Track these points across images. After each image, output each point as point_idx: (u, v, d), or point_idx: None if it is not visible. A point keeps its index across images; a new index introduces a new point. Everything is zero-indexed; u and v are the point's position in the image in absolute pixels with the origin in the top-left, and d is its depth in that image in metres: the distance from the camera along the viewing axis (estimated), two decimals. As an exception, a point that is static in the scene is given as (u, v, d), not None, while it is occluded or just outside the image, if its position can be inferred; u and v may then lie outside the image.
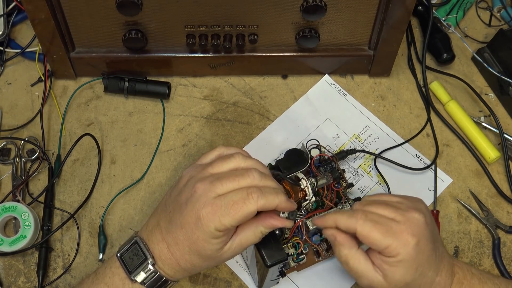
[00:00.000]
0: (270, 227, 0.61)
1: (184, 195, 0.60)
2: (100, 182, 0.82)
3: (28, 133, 0.85)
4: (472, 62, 0.94)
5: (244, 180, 0.59)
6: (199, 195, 0.59)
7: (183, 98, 0.88)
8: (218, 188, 0.59)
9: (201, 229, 0.58)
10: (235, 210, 0.57)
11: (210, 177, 0.60)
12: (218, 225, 0.57)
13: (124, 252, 0.62)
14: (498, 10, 0.97)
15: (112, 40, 0.82)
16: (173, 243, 0.60)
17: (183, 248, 0.60)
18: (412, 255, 0.59)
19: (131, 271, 0.61)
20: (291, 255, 0.73)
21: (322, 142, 0.81)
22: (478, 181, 0.84)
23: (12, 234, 0.77)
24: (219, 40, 0.82)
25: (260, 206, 0.58)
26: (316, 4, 0.76)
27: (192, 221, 0.58)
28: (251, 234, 0.61)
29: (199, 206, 0.58)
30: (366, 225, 0.60)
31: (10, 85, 0.89)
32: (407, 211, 0.62)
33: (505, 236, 0.80)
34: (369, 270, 0.61)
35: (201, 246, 0.59)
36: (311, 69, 0.89)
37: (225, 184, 0.59)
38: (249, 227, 0.61)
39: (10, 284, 0.75)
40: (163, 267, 0.61)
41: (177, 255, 0.61)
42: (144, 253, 0.61)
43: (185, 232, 0.59)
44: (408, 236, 0.59)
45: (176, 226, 0.60)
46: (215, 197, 0.58)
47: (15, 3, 0.89)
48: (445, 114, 0.89)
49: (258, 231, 0.61)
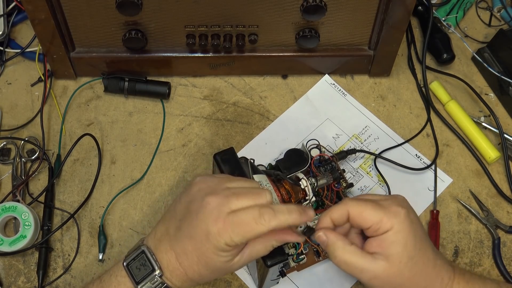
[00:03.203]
0: (282, 241, 0.61)
1: (195, 204, 0.59)
2: (100, 182, 0.82)
3: (28, 133, 0.85)
4: (472, 62, 0.94)
5: (259, 199, 0.59)
6: (212, 207, 0.58)
7: (183, 98, 0.88)
8: (233, 204, 0.58)
9: (210, 242, 0.57)
10: (246, 230, 0.57)
11: (226, 190, 0.59)
12: (228, 241, 0.57)
13: (131, 262, 0.61)
14: (498, 10, 0.97)
15: (112, 40, 0.82)
16: (181, 253, 0.60)
17: (191, 259, 0.59)
18: (407, 223, 0.60)
19: (138, 282, 0.60)
20: (291, 255, 0.73)
21: (322, 142, 0.81)
22: (478, 181, 0.84)
23: (12, 234, 0.77)
24: (219, 40, 0.82)
25: (272, 227, 0.58)
26: (316, 4, 0.76)
27: (203, 233, 0.58)
28: (262, 247, 0.61)
29: (211, 220, 0.57)
30: (357, 205, 0.61)
31: (10, 85, 0.89)
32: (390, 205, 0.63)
33: (505, 236, 0.80)
34: (369, 261, 0.60)
35: (210, 258, 0.59)
36: (311, 69, 0.89)
37: (240, 200, 0.58)
38: (260, 241, 0.60)
39: (10, 284, 0.75)
40: (171, 277, 0.61)
41: (185, 265, 0.60)
42: (151, 264, 0.60)
43: (195, 243, 0.59)
44: (397, 207, 0.61)
45: (186, 236, 0.59)
46: (228, 213, 0.57)
47: (15, 3, 0.89)
48: (445, 114, 0.89)
49: (269, 245, 0.61)
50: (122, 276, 0.62)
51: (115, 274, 0.62)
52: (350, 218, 0.62)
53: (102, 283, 0.63)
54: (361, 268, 0.61)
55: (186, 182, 0.82)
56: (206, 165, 0.83)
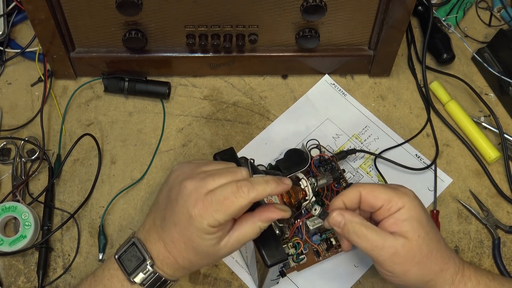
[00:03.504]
0: (267, 220, 0.61)
1: (174, 191, 0.60)
2: (100, 182, 0.82)
3: (28, 133, 0.85)
4: (472, 62, 0.94)
5: (235, 175, 0.59)
6: (189, 191, 0.58)
7: (183, 98, 0.88)
8: (210, 184, 0.58)
9: (194, 226, 0.58)
10: (226, 205, 0.57)
11: (202, 173, 0.60)
12: (211, 221, 0.57)
13: (122, 254, 0.62)
14: (498, 10, 0.97)
15: (112, 40, 0.82)
16: (169, 241, 0.60)
17: (179, 246, 0.60)
18: (416, 202, 0.62)
19: (130, 273, 0.61)
20: (291, 255, 0.73)
21: (322, 142, 0.81)
22: (478, 181, 0.84)
23: (12, 234, 0.77)
24: (219, 40, 0.82)
25: (252, 198, 0.58)
26: (316, 4, 0.76)
27: (185, 218, 0.58)
28: (249, 230, 0.60)
29: (190, 203, 0.58)
30: (368, 185, 0.63)
31: (10, 85, 0.89)
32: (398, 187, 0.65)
33: (505, 236, 0.80)
34: (388, 237, 0.61)
35: (196, 242, 0.59)
36: (311, 69, 0.89)
37: (217, 179, 0.59)
38: (246, 223, 0.60)
39: (10, 284, 0.75)
40: (162, 266, 0.61)
41: (175, 253, 0.61)
42: (142, 254, 0.61)
43: (179, 229, 0.59)
44: (405, 189, 0.63)
45: (170, 224, 0.60)
46: (206, 193, 0.58)
47: (15, 3, 0.89)
48: (445, 114, 0.89)
49: (256, 227, 0.60)
50: (115, 269, 0.62)
51: (108, 267, 0.63)
52: (361, 199, 0.63)
53: (96, 277, 0.63)
54: (382, 245, 0.60)
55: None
56: (206, 165, 0.83)
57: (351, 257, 0.77)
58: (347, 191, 0.64)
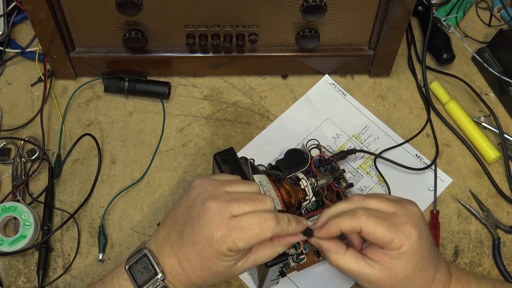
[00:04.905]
0: (287, 245, 0.61)
1: (196, 210, 0.59)
2: (100, 182, 0.82)
3: (28, 133, 0.85)
4: (472, 62, 0.94)
5: (261, 205, 0.59)
6: (213, 212, 0.57)
7: (183, 98, 0.88)
8: (234, 209, 0.58)
9: (214, 248, 0.57)
10: (250, 235, 0.57)
11: (226, 195, 0.59)
12: (231, 246, 0.57)
13: (133, 265, 0.61)
14: (498, 10, 0.97)
15: (112, 40, 0.82)
16: (184, 259, 0.59)
17: (194, 264, 0.59)
18: (415, 247, 0.59)
19: (140, 285, 0.60)
20: (291, 255, 0.73)
21: (322, 142, 0.81)
22: (478, 181, 0.84)
23: (12, 234, 0.77)
24: (219, 40, 0.82)
25: (276, 233, 0.58)
26: (316, 4, 0.76)
27: (205, 239, 0.57)
28: (267, 254, 0.61)
29: (213, 225, 0.57)
30: (370, 222, 0.59)
31: (10, 85, 0.89)
32: (405, 203, 0.62)
33: (505, 236, 0.80)
34: (363, 267, 0.60)
35: (213, 263, 0.58)
36: (311, 69, 0.90)
37: (241, 205, 0.58)
38: (266, 248, 0.60)
39: (10, 284, 0.75)
40: (174, 282, 0.60)
41: (188, 271, 0.60)
42: (154, 268, 0.60)
43: (197, 249, 0.58)
44: (411, 228, 0.59)
45: (188, 242, 0.59)
46: (230, 218, 0.57)
47: (15, 3, 0.89)
48: (445, 114, 0.89)
49: (275, 252, 0.61)
50: (124, 279, 0.61)
51: (117, 276, 0.62)
52: (362, 233, 0.60)
53: (104, 285, 0.62)
54: (356, 273, 0.61)
55: (186, 182, 0.82)
56: (206, 165, 0.83)
57: (351, 257, 0.77)
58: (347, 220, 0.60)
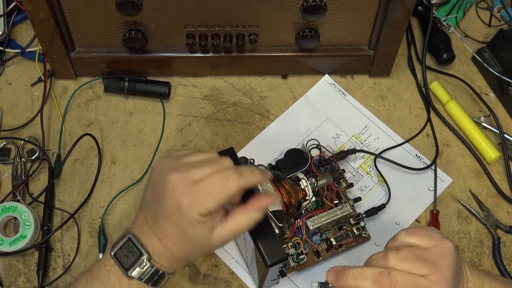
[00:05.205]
0: (261, 210, 0.61)
1: (160, 186, 0.60)
2: (100, 182, 0.82)
3: (28, 133, 0.85)
4: (472, 62, 0.94)
5: (220, 165, 0.60)
6: (175, 183, 0.59)
7: (183, 98, 0.88)
8: (195, 174, 0.59)
9: (184, 216, 0.58)
10: (216, 193, 0.58)
11: (185, 165, 0.60)
12: (200, 209, 0.57)
13: (118, 250, 0.62)
14: (498, 10, 0.97)
15: (112, 40, 0.82)
16: (163, 235, 0.61)
17: (173, 238, 0.60)
18: None
19: (127, 268, 0.61)
20: (291, 255, 0.73)
21: (322, 142, 0.81)
22: (478, 181, 0.84)
23: (12, 234, 0.77)
24: (219, 40, 0.82)
25: (241, 185, 0.59)
26: (316, 4, 0.76)
27: (175, 210, 0.58)
28: (243, 221, 0.61)
29: (178, 195, 0.58)
30: None
31: (10, 85, 0.89)
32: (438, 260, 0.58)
33: (505, 236, 0.80)
34: None
35: (188, 233, 0.59)
36: (311, 69, 0.89)
37: (201, 170, 0.59)
38: (239, 214, 0.61)
39: (10, 284, 0.75)
40: (159, 260, 0.62)
41: (170, 246, 0.61)
42: (138, 249, 0.61)
43: (171, 222, 0.59)
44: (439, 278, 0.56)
45: (162, 218, 0.60)
46: (193, 184, 0.58)
47: (15, 3, 0.89)
48: (445, 114, 0.89)
49: (250, 218, 0.61)
50: (111, 265, 0.62)
51: (104, 263, 0.63)
52: None
53: (92, 274, 0.63)
54: None
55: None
56: (206, 165, 0.83)
57: (351, 257, 0.77)
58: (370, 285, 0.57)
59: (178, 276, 0.76)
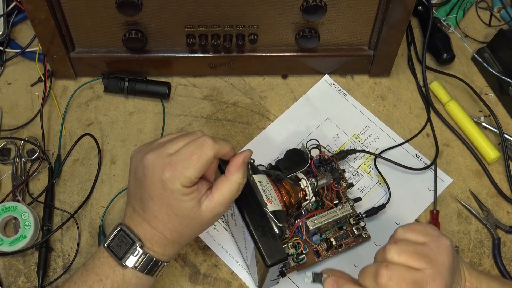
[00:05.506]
0: (239, 170, 0.61)
1: (139, 171, 0.61)
2: (100, 182, 0.82)
3: (28, 133, 0.85)
4: (472, 62, 0.94)
5: (193, 136, 0.61)
6: (153, 161, 0.59)
7: (183, 98, 0.88)
8: (170, 148, 0.60)
9: (168, 190, 0.59)
10: (194, 160, 0.58)
11: (159, 144, 0.62)
12: (182, 180, 0.58)
13: (111, 241, 0.63)
14: (498, 10, 0.97)
15: (112, 40, 0.82)
16: (152, 218, 0.61)
17: (162, 218, 0.60)
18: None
19: (120, 258, 0.61)
20: (291, 255, 0.73)
21: (322, 142, 0.81)
22: (478, 181, 0.84)
23: (12, 234, 0.77)
24: (219, 40, 0.82)
25: (216, 149, 0.60)
26: (316, 4, 0.76)
27: (158, 187, 0.59)
28: (227, 189, 0.61)
29: (158, 170, 0.59)
30: None
31: (10, 85, 0.89)
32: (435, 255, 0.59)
33: (505, 236, 0.80)
34: None
35: (175, 207, 0.59)
36: (311, 69, 0.89)
37: (175, 143, 0.60)
38: (222, 183, 0.61)
39: (10, 284, 0.75)
40: (152, 246, 0.62)
41: (160, 228, 0.61)
42: (130, 237, 0.62)
43: (157, 200, 0.60)
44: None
45: (147, 201, 0.60)
46: (169, 156, 0.59)
47: (15, 3, 0.89)
48: (445, 114, 0.89)
49: (233, 183, 0.61)
50: (105, 257, 0.63)
51: (98, 256, 0.63)
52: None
53: (87, 267, 0.64)
54: None
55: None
56: (206, 165, 0.83)
57: (351, 257, 0.77)
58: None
59: (178, 276, 0.76)
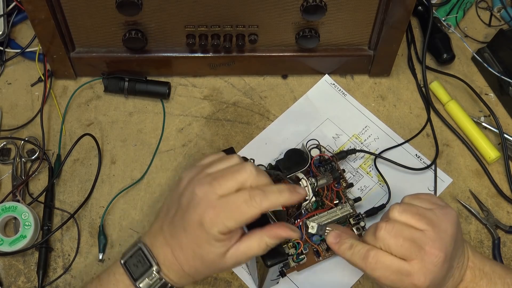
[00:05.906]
0: (275, 237, 0.60)
1: (185, 198, 0.60)
2: (100, 182, 0.82)
3: (28, 133, 0.85)
4: (472, 62, 0.94)
5: (240, 175, 0.59)
6: (200, 198, 0.58)
7: (183, 98, 0.88)
8: (218, 189, 0.58)
9: (204, 232, 0.58)
10: (238, 214, 0.57)
11: (207, 177, 0.60)
12: (221, 228, 0.57)
13: (128, 259, 0.62)
14: (498, 10, 0.97)
15: (112, 40, 0.82)
16: (177, 247, 0.60)
17: (187, 252, 0.59)
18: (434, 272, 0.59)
19: (136, 278, 0.61)
20: (291, 255, 0.73)
21: (322, 142, 0.81)
22: (478, 181, 0.84)
23: (12, 234, 0.77)
24: (219, 40, 0.82)
25: (264, 208, 0.58)
26: (316, 4, 0.76)
27: (195, 224, 0.58)
28: (255, 244, 0.60)
29: (201, 209, 0.58)
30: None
31: (10, 85, 0.89)
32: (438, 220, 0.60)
33: (505, 236, 0.80)
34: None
35: (204, 249, 0.59)
36: (311, 69, 0.90)
37: (223, 183, 0.58)
38: (254, 237, 0.60)
39: (10, 284, 0.75)
40: (168, 273, 0.61)
41: (181, 260, 0.60)
42: (148, 260, 0.61)
43: (189, 235, 0.59)
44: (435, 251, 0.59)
45: (180, 230, 0.59)
46: (217, 199, 0.58)
47: (15, 3, 0.89)
48: (445, 114, 0.89)
49: (263, 242, 0.60)
50: (120, 274, 0.62)
51: (113, 272, 0.63)
52: None
53: (101, 281, 0.63)
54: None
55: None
56: (206, 165, 0.83)
57: (351, 257, 0.77)
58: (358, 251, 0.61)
59: (178, 276, 0.76)
